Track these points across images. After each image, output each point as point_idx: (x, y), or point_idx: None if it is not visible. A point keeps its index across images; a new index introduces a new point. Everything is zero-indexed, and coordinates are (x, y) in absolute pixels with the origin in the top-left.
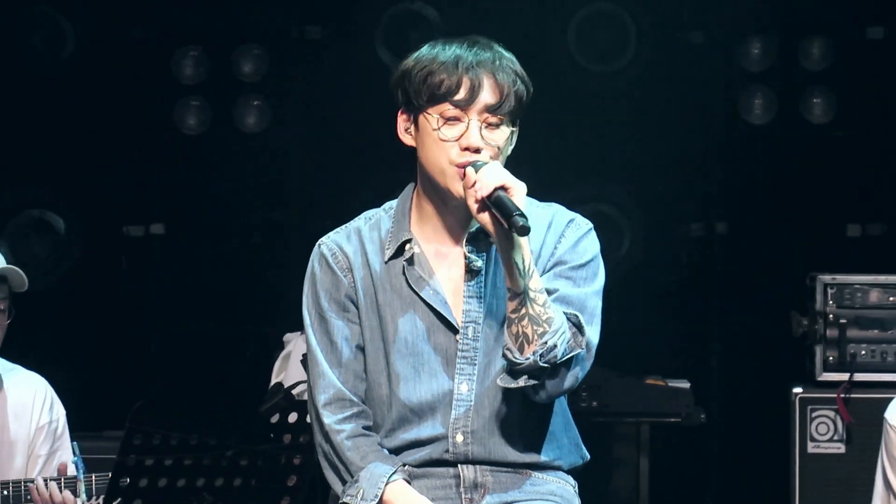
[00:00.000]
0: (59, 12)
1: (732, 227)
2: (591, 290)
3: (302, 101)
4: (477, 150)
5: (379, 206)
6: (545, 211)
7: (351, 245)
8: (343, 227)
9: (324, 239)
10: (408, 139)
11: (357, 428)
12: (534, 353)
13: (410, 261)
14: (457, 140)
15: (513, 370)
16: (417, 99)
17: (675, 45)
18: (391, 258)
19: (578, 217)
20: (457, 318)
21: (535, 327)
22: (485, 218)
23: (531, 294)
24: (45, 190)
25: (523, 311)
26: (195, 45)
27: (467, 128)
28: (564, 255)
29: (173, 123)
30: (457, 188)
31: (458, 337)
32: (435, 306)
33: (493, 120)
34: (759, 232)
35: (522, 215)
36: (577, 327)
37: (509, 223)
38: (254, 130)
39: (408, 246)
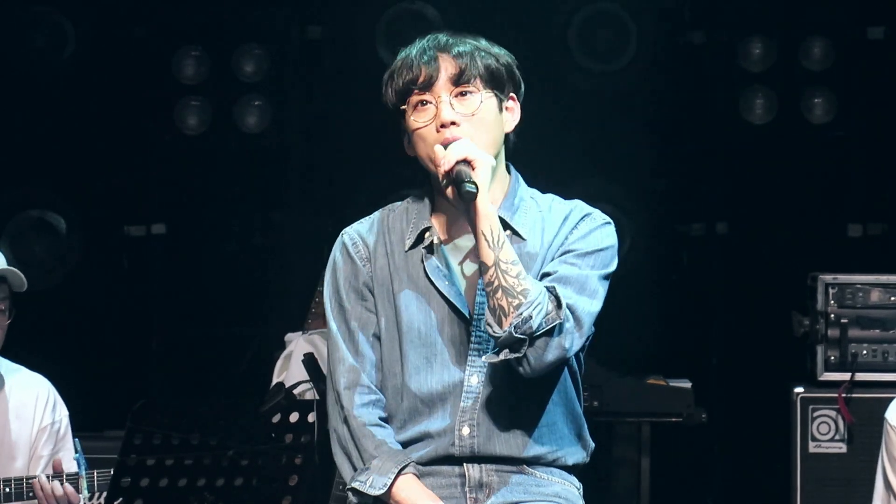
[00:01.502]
0: (59, 12)
1: (732, 227)
2: (594, 273)
3: (302, 101)
4: (454, 125)
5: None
6: (565, 206)
7: (372, 234)
8: (367, 217)
9: (347, 229)
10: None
11: (375, 417)
12: (510, 325)
13: (430, 249)
14: (432, 122)
15: (496, 345)
16: (394, 104)
17: (675, 45)
18: (411, 247)
19: (597, 212)
20: (470, 310)
21: (509, 299)
22: (450, 192)
23: (503, 266)
24: (46, 190)
25: (496, 283)
26: (195, 45)
27: (437, 107)
28: (573, 244)
29: (174, 123)
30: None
31: (470, 329)
32: (449, 297)
33: (461, 90)
34: (759, 232)
35: (472, 182)
36: (557, 299)
37: (458, 190)
38: (254, 130)
39: (427, 234)
